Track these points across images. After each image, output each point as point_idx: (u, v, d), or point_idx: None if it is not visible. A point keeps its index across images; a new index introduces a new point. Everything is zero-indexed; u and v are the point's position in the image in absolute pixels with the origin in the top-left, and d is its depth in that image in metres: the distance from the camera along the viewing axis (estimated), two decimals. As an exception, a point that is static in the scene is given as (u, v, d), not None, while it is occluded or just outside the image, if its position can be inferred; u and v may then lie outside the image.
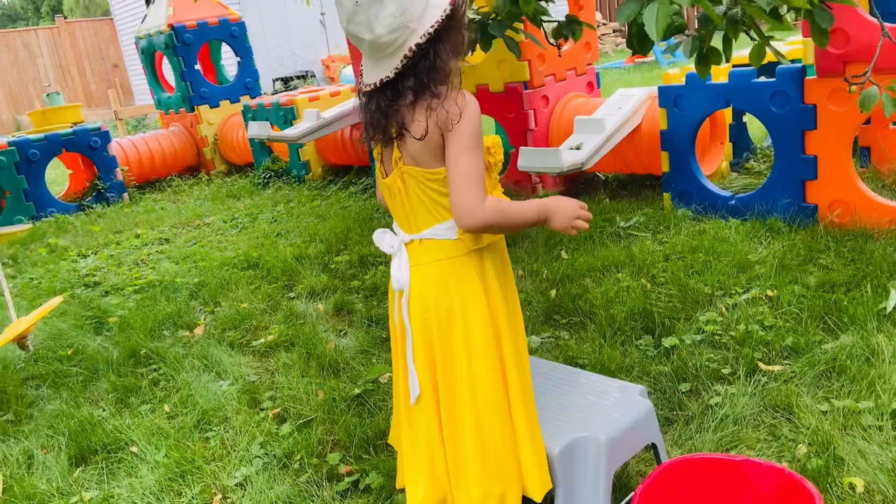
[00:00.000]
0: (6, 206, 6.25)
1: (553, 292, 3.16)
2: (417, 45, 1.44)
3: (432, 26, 1.44)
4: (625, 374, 2.43)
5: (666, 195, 4.08)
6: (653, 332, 2.70)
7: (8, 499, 2.13)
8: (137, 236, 5.37)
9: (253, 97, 7.66)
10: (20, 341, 2.64)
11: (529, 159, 3.92)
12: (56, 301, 2.82)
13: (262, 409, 2.55)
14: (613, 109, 4.30)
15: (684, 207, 3.97)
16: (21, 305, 4.01)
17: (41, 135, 6.49)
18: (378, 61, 1.49)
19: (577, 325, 2.87)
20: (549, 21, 2.84)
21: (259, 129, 5.57)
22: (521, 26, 3.12)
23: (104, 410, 2.67)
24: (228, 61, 8.52)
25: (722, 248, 3.33)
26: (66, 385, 2.86)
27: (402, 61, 1.45)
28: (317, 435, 2.30)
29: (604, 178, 4.92)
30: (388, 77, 1.47)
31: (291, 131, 5.59)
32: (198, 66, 7.49)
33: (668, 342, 2.57)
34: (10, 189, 6.25)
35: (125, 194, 6.84)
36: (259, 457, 2.24)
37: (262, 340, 3.12)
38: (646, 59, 11.43)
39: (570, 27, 2.69)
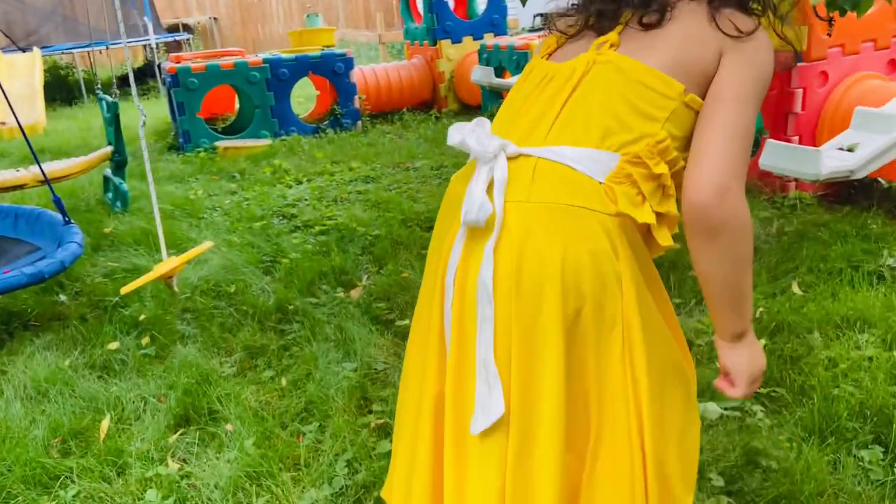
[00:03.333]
0: (254, 120, 6.66)
1: (762, 342, 2.43)
2: None
3: None
4: (823, 505, 1.73)
5: (970, 229, 2.99)
6: (886, 445, 1.91)
7: (99, 451, 2.10)
8: (351, 169, 5.37)
9: (497, 35, 7.27)
10: (166, 280, 2.63)
11: (776, 157, 3.08)
12: (206, 246, 2.77)
13: (369, 413, 2.27)
14: (916, 103, 3.22)
15: None
16: (223, 226, 4.16)
17: (292, 55, 6.76)
18: None
19: (780, 402, 2.15)
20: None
21: (482, 75, 5.20)
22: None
23: (231, 367, 2.59)
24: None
25: None
26: (210, 329, 2.83)
27: None
28: (406, 469, 1.95)
29: (886, 185, 3.81)
30: None
31: (513, 81, 5.14)
32: (449, -1, 7.27)
33: (905, 471, 1.79)
34: (260, 104, 6.62)
35: (359, 122, 6.94)
36: (339, 476, 1.96)
37: (407, 322, 2.83)
38: None
39: (851, -4, 1.88)
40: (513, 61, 5.85)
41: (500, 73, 5.93)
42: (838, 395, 2.08)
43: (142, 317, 2.93)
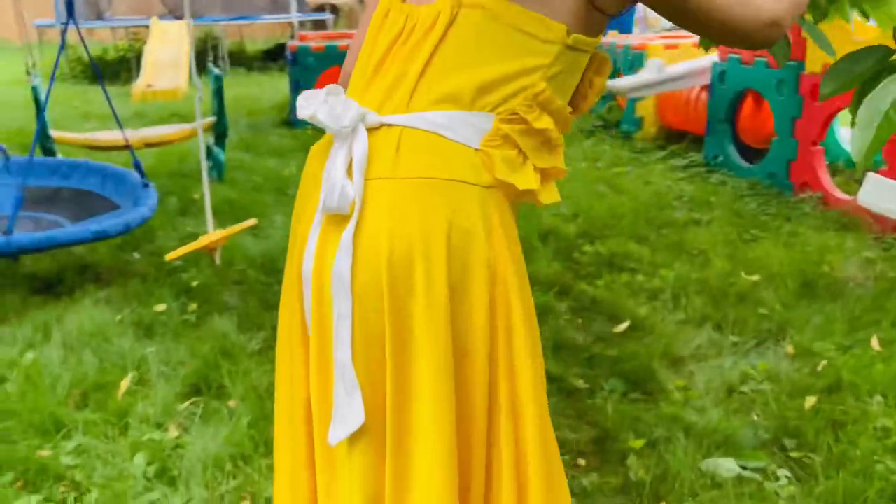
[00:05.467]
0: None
1: (813, 400, 2.15)
2: None
3: None
4: None
5: None
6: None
7: (111, 408, 2.21)
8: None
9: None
10: (210, 251, 2.71)
11: (877, 195, 2.71)
12: (249, 223, 2.82)
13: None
14: None
15: None
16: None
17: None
18: None
19: (809, 470, 1.89)
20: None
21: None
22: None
23: (258, 344, 2.64)
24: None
25: None
26: (249, 303, 2.90)
27: None
28: None
29: None
30: None
31: (621, 82, 4.91)
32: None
33: None
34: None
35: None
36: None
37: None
38: None
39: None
40: (628, 61, 5.58)
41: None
42: (876, 472, 1.80)
43: (195, 283, 3.06)
